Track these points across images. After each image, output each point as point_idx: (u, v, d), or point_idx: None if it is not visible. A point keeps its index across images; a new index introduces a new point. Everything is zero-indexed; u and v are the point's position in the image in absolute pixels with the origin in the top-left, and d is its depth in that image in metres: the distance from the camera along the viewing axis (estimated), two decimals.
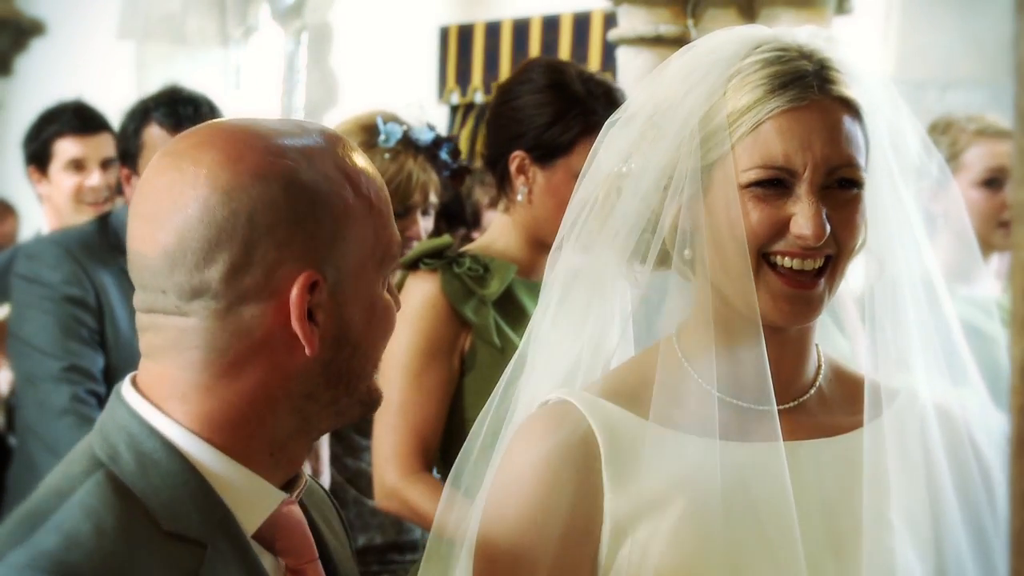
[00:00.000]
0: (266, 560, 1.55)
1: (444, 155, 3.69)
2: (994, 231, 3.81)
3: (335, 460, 3.79)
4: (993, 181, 3.82)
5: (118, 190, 4.17)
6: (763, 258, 1.81)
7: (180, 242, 1.49)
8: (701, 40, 1.89)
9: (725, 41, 1.86)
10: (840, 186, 1.81)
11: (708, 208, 1.82)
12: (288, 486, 1.59)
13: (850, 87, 1.84)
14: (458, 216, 4.80)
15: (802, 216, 1.79)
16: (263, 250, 1.49)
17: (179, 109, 3.83)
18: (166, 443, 1.51)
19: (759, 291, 1.81)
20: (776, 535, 1.79)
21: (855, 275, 1.93)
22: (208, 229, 1.48)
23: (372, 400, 1.62)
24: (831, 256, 1.82)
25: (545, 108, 3.07)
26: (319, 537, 1.65)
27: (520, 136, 3.07)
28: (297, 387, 1.53)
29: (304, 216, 1.51)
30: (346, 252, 1.53)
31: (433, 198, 3.71)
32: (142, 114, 3.84)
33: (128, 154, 3.82)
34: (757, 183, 1.80)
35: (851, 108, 1.83)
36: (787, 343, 1.86)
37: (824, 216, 1.79)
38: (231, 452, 1.52)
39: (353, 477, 3.69)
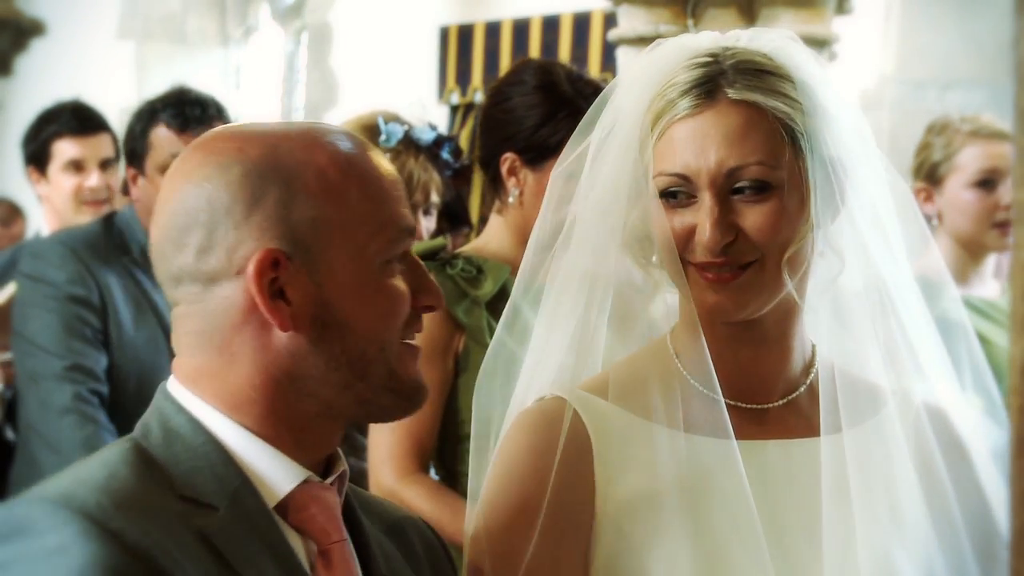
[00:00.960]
0: (293, 538, 1.59)
1: (446, 154, 3.69)
2: (987, 232, 3.81)
3: None
4: (986, 182, 3.82)
5: (124, 190, 4.16)
6: (687, 262, 1.83)
7: (164, 233, 1.61)
8: (649, 50, 1.91)
9: (667, 52, 1.89)
10: (751, 188, 1.81)
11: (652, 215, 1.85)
12: (326, 473, 1.64)
13: (769, 91, 1.82)
14: (461, 216, 4.80)
15: (700, 224, 1.80)
16: (223, 231, 1.57)
17: (186, 110, 3.83)
18: (192, 419, 1.59)
19: (691, 289, 1.83)
20: (747, 533, 1.81)
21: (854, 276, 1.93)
22: (179, 217, 1.59)
23: (403, 389, 1.65)
24: (754, 262, 1.81)
25: (534, 110, 3.06)
26: (363, 542, 1.67)
27: (510, 138, 3.06)
28: (294, 368, 1.58)
29: (263, 196, 1.57)
30: (319, 232, 1.57)
31: (435, 197, 3.72)
32: (149, 115, 3.84)
33: (135, 155, 3.83)
34: (664, 192, 1.83)
35: (757, 110, 1.81)
36: (765, 341, 1.87)
37: (724, 223, 1.79)
38: (256, 431, 1.59)
39: (356, 477, 3.67)
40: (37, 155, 4.65)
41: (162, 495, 1.52)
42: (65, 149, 4.61)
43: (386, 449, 3.05)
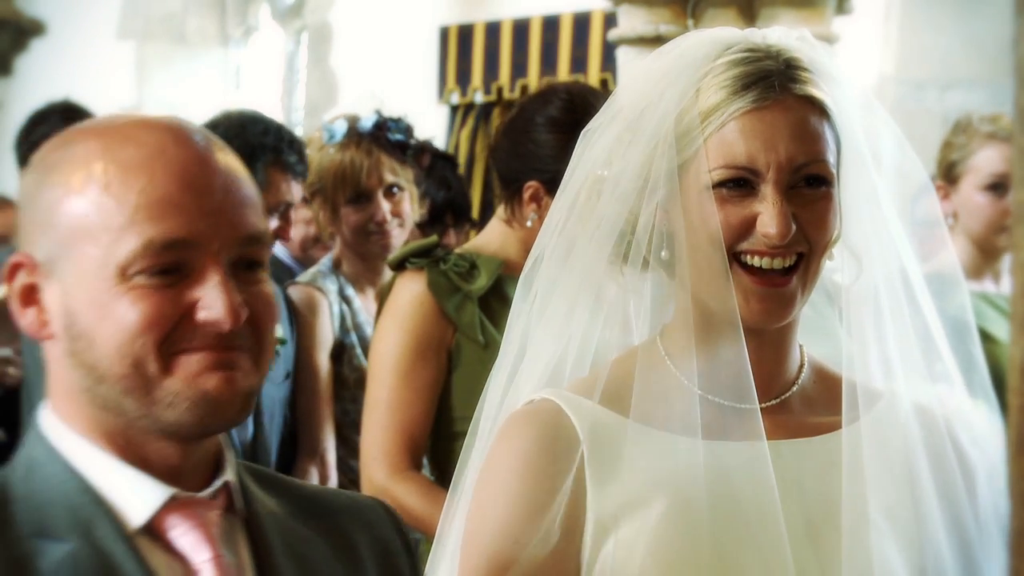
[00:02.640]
0: (161, 560, 1.52)
1: (392, 136, 3.70)
2: (998, 235, 3.78)
3: (339, 462, 3.80)
4: (998, 186, 3.78)
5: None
6: (733, 257, 1.82)
7: None
8: (674, 42, 1.91)
9: (698, 43, 1.88)
10: (808, 184, 1.82)
11: (682, 208, 1.83)
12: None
13: (819, 87, 1.84)
14: (464, 212, 4.78)
15: (767, 215, 1.79)
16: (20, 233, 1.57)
17: (299, 156, 3.73)
18: (50, 448, 1.54)
19: (736, 290, 1.81)
20: (761, 533, 1.80)
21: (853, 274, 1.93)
22: None
23: (181, 402, 1.51)
24: (803, 254, 1.82)
25: (566, 151, 3.02)
26: (264, 554, 1.59)
27: (538, 170, 3.04)
28: (73, 380, 1.53)
29: (37, 199, 1.55)
30: (61, 238, 1.51)
31: (391, 178, 3.74)
32: (266, 151, 3.67)
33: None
34: (723, 183, 1.81)
35: (817, 107, 1.83)
36: (766, 341, 1.86)
37: (790, 215, 1.80)
38: (109, 447, 1.53)
39: (357, 479, 3.69)
40: (29, 157, 4.63)
41: (3, 539, 1.46)
42: None
43: (378, 446, 3.05)
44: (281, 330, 3.73)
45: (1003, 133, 3.80)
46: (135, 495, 1.52)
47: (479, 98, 7.82)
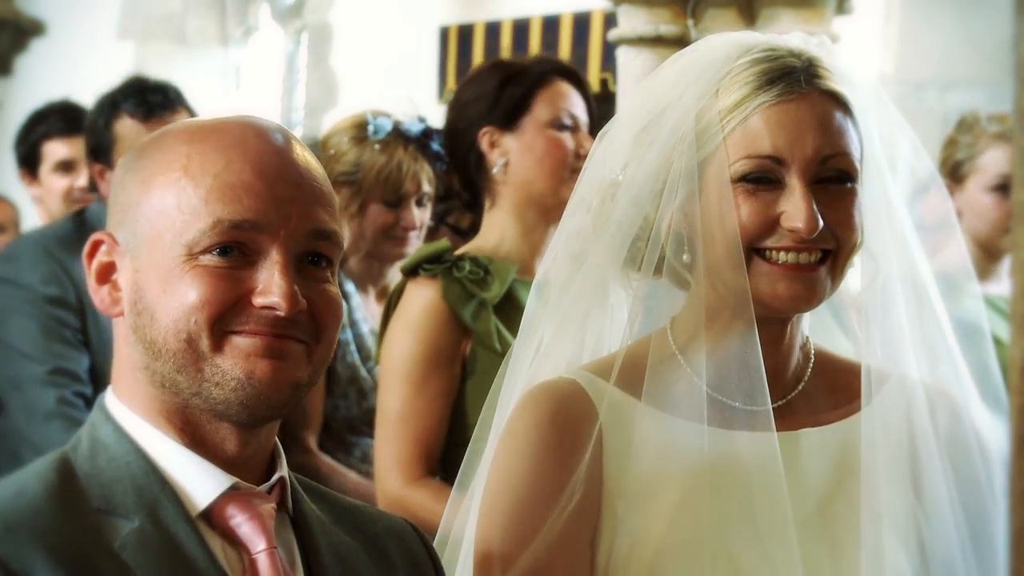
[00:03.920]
0: (220, 547, 1.56)
1: (435, 146, 3.72)
2: (1003, 236, 3.77)
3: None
4: (1006, 187, 3.76)
5: (91, 187, 4.10)
6: (756, 253, 1.80)
7: None
8: (692, 46, 1.90)
9: (717, 45, 1.87)
10: (834, 180, 1.81)
11: (702, 206, 1.81)
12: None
13: (840, 85, 1.84)
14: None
15: (793, 208, 1.78)
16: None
17: (148, 97, 3.80)
18: (118, 429, 1.58)
19: (755, 284, 1.80)
20: (770, 527, 1.79)
21: (854, 277, 1.93)
22: None
23: (226, 382, 1.55)
24: (829, 251, 1.81)
25: (490, 81, 3.13)
26: (312, 551, 1.63)
27: (479, 115, 3.10)
28: (135, 355, 1.58)
29: (120, 183, 1.61)
30: (140, 218, 1.57)
31: (427, 188, 3.74)
32: (110, 107, 3.80)
33: (100, 149, 3.78)
34: (747, 176, 1.79)
35: (841, 103, 1.83)
36: (772, 341, 1.85)
37: (816, 209, 1.78)
38: (170, 430, 1.57)
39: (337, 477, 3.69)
40: (28, 157, 4.64)
41: (72, 511, 1.50)
42: (54, 150, 4.60)
43: (392, 456, 3.04)
44: None
45: (1009, 133, 3.78)
46: (198, 480, 1.56)
47: None
